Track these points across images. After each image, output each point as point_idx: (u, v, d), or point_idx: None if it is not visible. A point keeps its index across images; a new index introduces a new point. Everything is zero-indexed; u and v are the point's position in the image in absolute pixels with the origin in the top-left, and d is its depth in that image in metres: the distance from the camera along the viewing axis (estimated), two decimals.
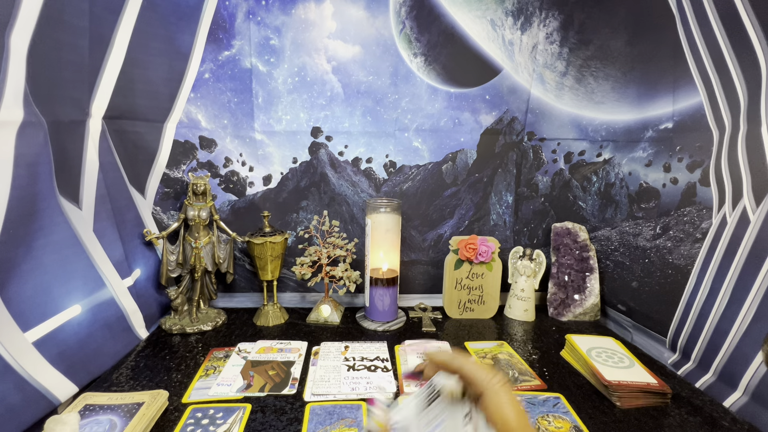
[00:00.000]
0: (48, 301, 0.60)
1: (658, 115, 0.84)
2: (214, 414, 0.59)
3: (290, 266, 0.96)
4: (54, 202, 0.60)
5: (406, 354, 0.78)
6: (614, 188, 0.98)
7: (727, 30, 0.66)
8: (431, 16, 0.90)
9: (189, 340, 0.82)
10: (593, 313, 0.97)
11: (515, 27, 0.92)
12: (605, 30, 0.92)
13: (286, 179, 0.96)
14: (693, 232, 0.75)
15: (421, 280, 1.04)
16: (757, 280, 0.62)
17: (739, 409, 0.62)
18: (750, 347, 0.62)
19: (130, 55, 0.75)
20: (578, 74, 0.95)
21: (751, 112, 0.63)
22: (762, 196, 0.62)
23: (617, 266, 0.95)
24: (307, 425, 0.58)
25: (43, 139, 0.57)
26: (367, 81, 0.92)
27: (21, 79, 0.53)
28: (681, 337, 0.76)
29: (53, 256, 0.61)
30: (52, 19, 0.58)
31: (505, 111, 0.97)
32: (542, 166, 1.02)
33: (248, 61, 0.88)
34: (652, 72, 0.85)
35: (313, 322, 0.91)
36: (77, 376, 0.63)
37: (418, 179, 0.99)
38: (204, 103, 0.88)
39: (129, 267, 0.78)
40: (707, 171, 0.72)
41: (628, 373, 0.67)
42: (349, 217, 0.99)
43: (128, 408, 0.58)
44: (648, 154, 0.88)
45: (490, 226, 1.03)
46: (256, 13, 0.86)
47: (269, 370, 0.71)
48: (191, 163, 0.91)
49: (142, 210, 0.85)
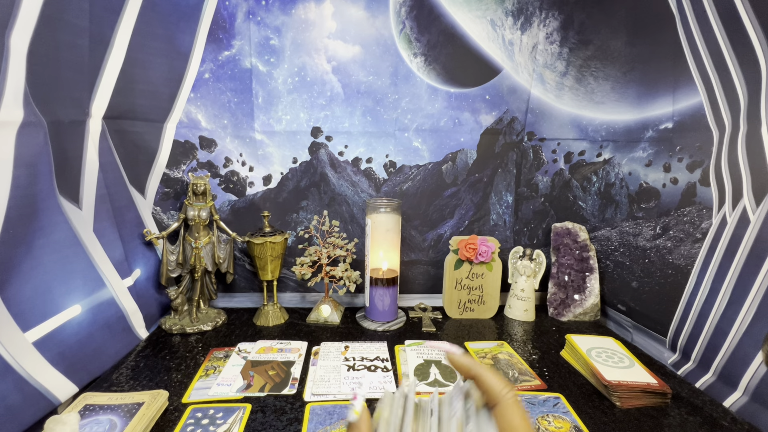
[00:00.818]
0: (48, 301, 0.60)
1: (658, 115, 0.84)
2: (214, 414, 0.59)
3: (290, 266, 0.96)
4: (54, 202, 0.60)
5: (406, 354, 0.78)
6: (614, 188, 0.98)
7: (727, 30, 0.66)
8: (431, 16, 0.90)
9: (189, 340, 0.82)
10: (593, 313, 0.97)
11: (515, 27, 0.92)
12: (605, 30, 0.92)
13: (286, 179, 0.96)
14: (693, 232, 0.75)
15: (421, 280, 1.04)
16: (757, 280, 0.62)
17: (739, 409, 0.62)
18: (750, 347, 0.62)
19: (130, 55, 0.74)
20: (578, 74, 0.95)
21: (751, 112, 0.63)
22: (762, 196, 0.62)
23: (617, 266, 0.95)
24: (307, 425, 0.58)
25: (43, 139, 0.57)
26: (367, 81, 0.92)
27: (21, 79, 0.53)
28: (681, 337, 0.76)
29: (53, 256, 0.61)
30: (52, 19, 0.58)
31: (505, 111, 0.97)
32: (542, 166, 1.02)
33: (248, 61, 0.88)
34: (652, 72, 0.85)
35: (313, 322, 0.91)
36: (77, 376, 0.63)
37: (418, 179, 0.99)
38: (204, 103, 0.88)
39: (129, 267, 0.78)
40: (707, 171, 0.72)
41: (628, 373, 0.67)
42: (349, 217, 0.99)
43: (128, 408, 0.58)
44: (648, 154, 0.88)
45: (490, 226, 1.03)
46: (256, 13, 0.86)
47: (269, 370, 0.71)
48: (191, 163, 0.91)
49: (142, 210, 0.85)
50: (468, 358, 0.34)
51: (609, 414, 0.62)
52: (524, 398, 0.65)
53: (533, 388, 0.68)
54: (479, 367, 0.33)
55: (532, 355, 0.79)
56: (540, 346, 0.83)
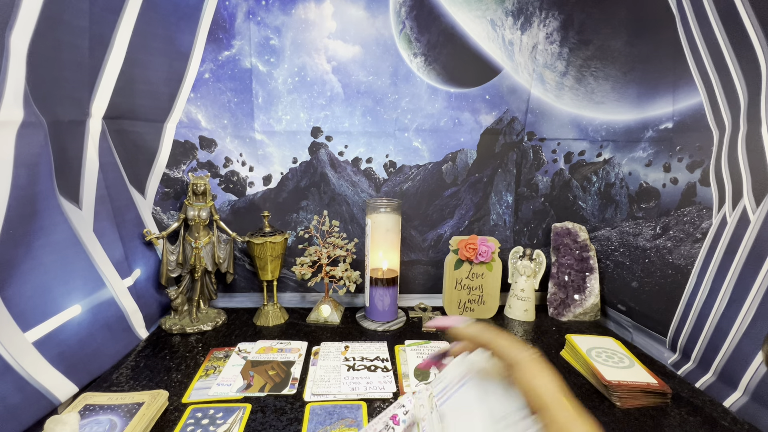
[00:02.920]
0: (48, 301, 0.60)
1: (658, 115, 0.84)
2: (214, 414, 0.59)
3: (290, 266, 0.96)
4: (54, 202, 0.60)
5: (406, 354, 0.78)
6: (614, 188, 0.98)
7: (727, 30, 0.66)
8: (431, 16, 0.90)
9: (189, 340, 0.82)
10: (593, 313, 0.97)
11: (515, 27, 0.92)
12: (605, 30, 0.92)
13: (286, 179, 0.96)
14: (693, 232, 0.75)
15: (421, 280, 1.04)
16: (757, 280, 0.62)
17: (739, 409, 0.62)
18: (750, 347, 0.62)
19: (130, 55, 0.74)
20: (578, 74, 0.95)
21: (751, 112, 0.63)
22: (762, 196, 0.62)
23: (617, 266, 0.95)
24: (307, 425, 0.58)
25: (43, 139, 0.57)
26: (367, 81, 0.92)
27: (21, 79, 0.53)
28: (681, 337, 0.76)
29: (53, 256, 0.61)
30: (52, 19, 0.58)
31: (505, 111, 0.97)
32: (542, 166, 1.02)
33: (248, 61, 0.88)
34: (652, 72, 0.85)
35: (313, 322, 0.91)
36: (77, 376, 0.63)
37: (418, 179, 0.99)
38: (204, 103, 0.88)
39: (129, 267, 0.78)
40: (707, 171, 0.72)
41: (628, 373, 0.67)
42: (349, 217, 0.99)
43: (128, 408, 0.58)
44: (648, 154, 0.88)
45: (490, 226, 1.03)
46: (256, 13, 0.86)
47: (269, 370, 0.71)
48: (191, 163, 0.91)
49: (142, 210, 0.85)
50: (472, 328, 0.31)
51: (609, 414, 0.62)
52: None
53: None
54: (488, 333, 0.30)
55: None
56: (540, 346, 0.83)
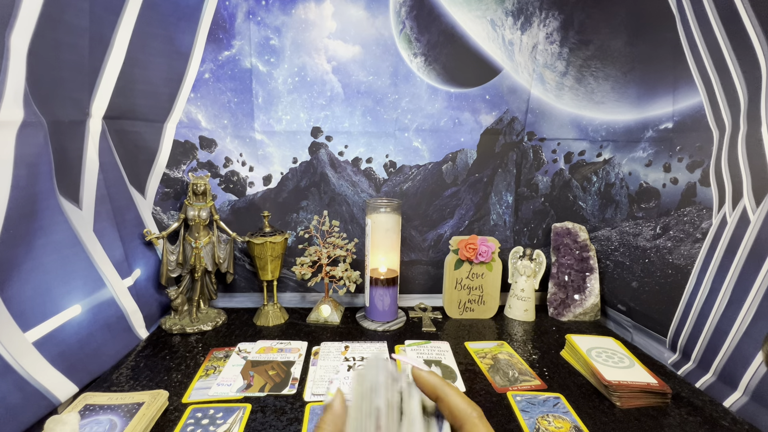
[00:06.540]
0: (48, 301, 0.60)
1: (658, 115, 0.84)
2: (214, 414, 0.59)
3: (290, 266, 0.96)
4: (54, 202, 0.60)
5: (406, 354, 0.78)
6: (614, 188, 0.98)
7: (727, 30, 0.66)
8: (431, 16, 0.90)
9: (189, 340, 0.82)
10: (593, 313, 0.97)
11: (515, 27, 0.92)
12: (605, 30, 0.92)
13: (286, 179, 0.96)
14: (693, 232, 0.75)
15: (421, 280, 1.04)
16: (757, 280, 0.62)
17: (739, 409, 0.62)
18: (750, 347, 0.62)
19: (130, 55, 0.75)
20: (578, 74, 0.95)
21: (751, 112, 0.63)
22: (762, 196, 0.62)
23: (617, 266, 0.95)
24: (307, 425, 0.58)
25: (43, 139, 0.57)
26: (367, 81, 0.92)
27: (21, 79, 0.53)
28: (681, 337, 0.76)
29: (53, 256, 0.61)
30: (52, 19, 0.58)
31: (505, 111, 0.97)
32: (542, 166, 1.02)
33: (248, 61, 0.88)
34: (652, 72, 0.85)
35: (313, 322, 0.91)
36: (77, 376, 0.63)
37: (418, 179, 0.99)
38: (204, 103, 0.88)
39: (129, 267, 0.78)
40: (707, 171, 0.72)
41: (628, 373, 0.67)
42: (349, 217, 0.99)
43: (128, 408, 0.58)
44: (648, 154, 0.88)
45: (490, 226, 1.03)
46: (256, 13, 0.86)
47: (269, 370, 0.71)
48: (191, 163, 0.91)
49: (142, 210, 0.85)
50: (433, 377, 0.32)
51: (609, 414, 0.62)
52: (524, 398, 0.65)
53: (533, 388, 0.68)
54: (445, 386, 0.31)
55: (532, 355, 0.79)
56: (540, 346, 0.83)
